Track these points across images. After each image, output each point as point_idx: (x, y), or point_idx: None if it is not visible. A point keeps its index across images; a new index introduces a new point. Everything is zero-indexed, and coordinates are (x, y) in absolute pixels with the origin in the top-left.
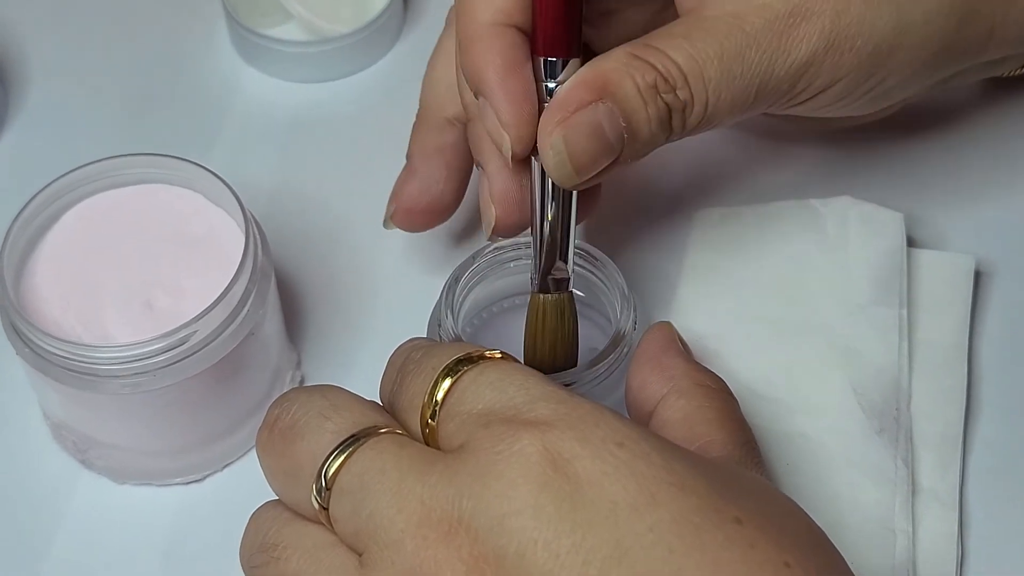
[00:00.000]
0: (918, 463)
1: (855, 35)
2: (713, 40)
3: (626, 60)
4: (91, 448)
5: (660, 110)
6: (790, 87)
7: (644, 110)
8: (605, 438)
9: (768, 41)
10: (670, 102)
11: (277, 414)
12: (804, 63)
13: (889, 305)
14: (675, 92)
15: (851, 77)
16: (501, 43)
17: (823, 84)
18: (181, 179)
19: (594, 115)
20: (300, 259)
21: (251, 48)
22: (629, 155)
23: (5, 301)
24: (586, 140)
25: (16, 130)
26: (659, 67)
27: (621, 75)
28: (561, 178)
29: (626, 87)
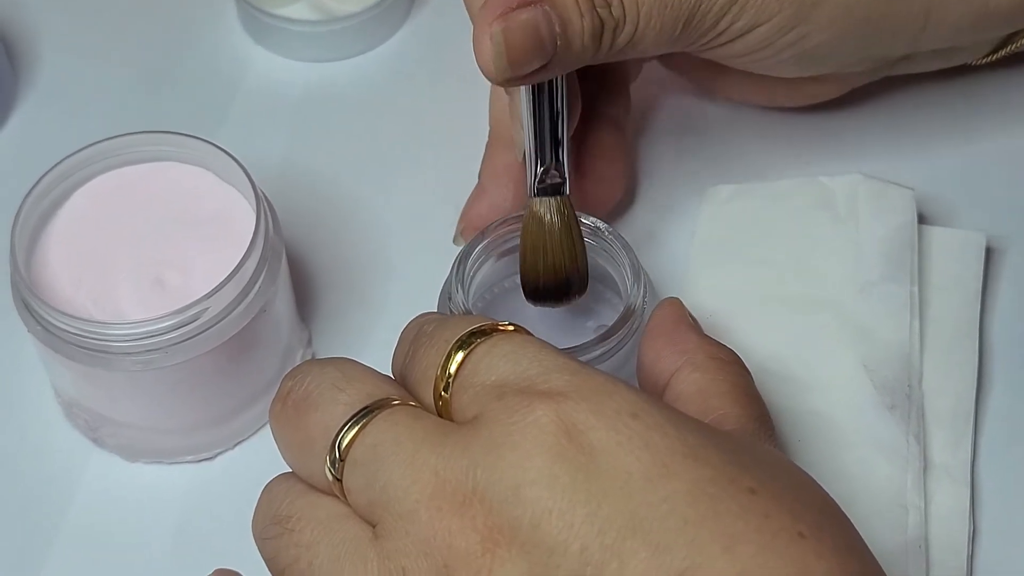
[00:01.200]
0: (930, 439)
1: None
2: None
3: None
4: (103, 426)
5: (594, 23)
6: (714, 23)
7: (579, 20)
8: (619, 409)
9: None
10: (603, 17)
11: (291, 386)
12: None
13: (900, 282)
14: (610, 9)
15: (773, 23)
16: None
17: (744, 26)
18: (192, 157)
19: (532, 14)
20: (310, 237)
21: (260, 27)
22: (559, 63)
23: (17, 279)
24: (522, 36)
25: (27, 108)
26: None
27: None
28: (496, 69)
29: None
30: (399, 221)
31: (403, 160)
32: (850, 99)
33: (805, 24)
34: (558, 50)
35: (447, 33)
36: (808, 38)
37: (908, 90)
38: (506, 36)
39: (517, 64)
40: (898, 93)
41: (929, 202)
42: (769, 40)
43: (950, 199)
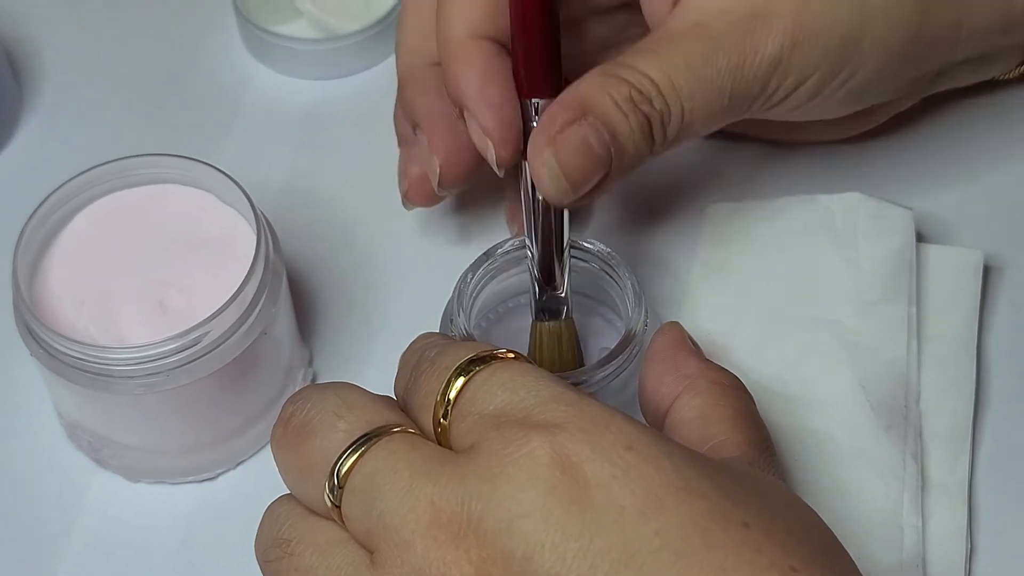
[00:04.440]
0: (927, 457)
1: (818, 31)
2: (679, 50)
3: (600, 79)
4: (105, 447)
5: (640, 121)
6: (762, 88)
7: (626, 122)
8: (615, 441)
9: (732, 44)
10: (648, 113)
11: (291, 412)
12: (772, 62)
13: (898, 302)
14: (651, 103)
15: (820, 73)
16: (477, 55)
17: (794, 82)
18: (193, 179)
19: (580, 131)
20: (311, 256)
21: (262, 46)
22: (618, 170)
23: (19, 303)
24: (576, 156)
25: (32, 125)
26: (632, 80)
27: (598, 92)
28: (558, 194)
29: (605, 102)
30: (400, 238)
31: None
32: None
33: (850, 64)
34: (613, 157)
35: None
36: (854, 76)
37: (908, 110)
38: (560, 161)
39: (578, 185)
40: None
41: (927, 220)
42: (820, 88)
43: (948, 217)
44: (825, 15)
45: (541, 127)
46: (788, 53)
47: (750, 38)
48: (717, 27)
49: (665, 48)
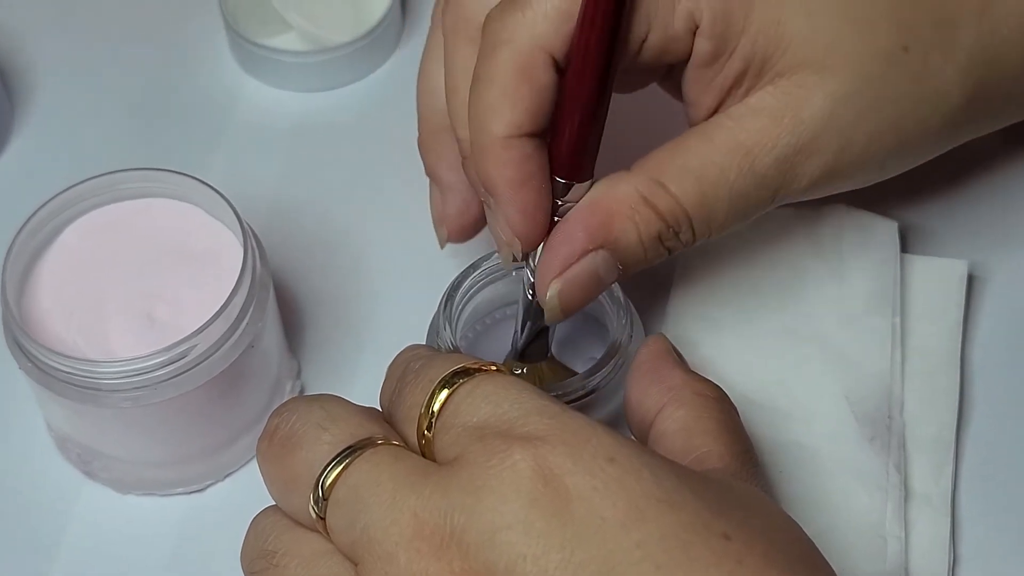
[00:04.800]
0: (911, 468)
1: (856, 167)
2: (724, 184)
3: (634, 203)
4: (95, 459)
5: (660, 254)
6: (781, 201)
7: (644, 257)
8: (596, 453)
9: (774, 179)
10: (671, 247)
11: (277, 424)
12: (804, 189)
13: (883, 314)
14: (678, 236)
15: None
16: (514, 155)
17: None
18: (181, 193)
19: (592, 265)
20: (300, 267)
21: (251, 58)
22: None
23: (8, 317)
24: (580, 291)
25: (23, 136)
26: (666, 216)
27: (625, 223)
28: (551, 318)
29: (629, 237)
30: (388, 250)
31: (392, 188)
32: None
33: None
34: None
35: None
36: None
37: None
38: (562, 294)
39: (573, 311)
40: None
41: (912, 231)
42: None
43: (933, 227)
44: (867, 149)
45: (557, 248)
46: (823, 182)
47: (791, 173)
48: (764, 161)
49: (709, 176)
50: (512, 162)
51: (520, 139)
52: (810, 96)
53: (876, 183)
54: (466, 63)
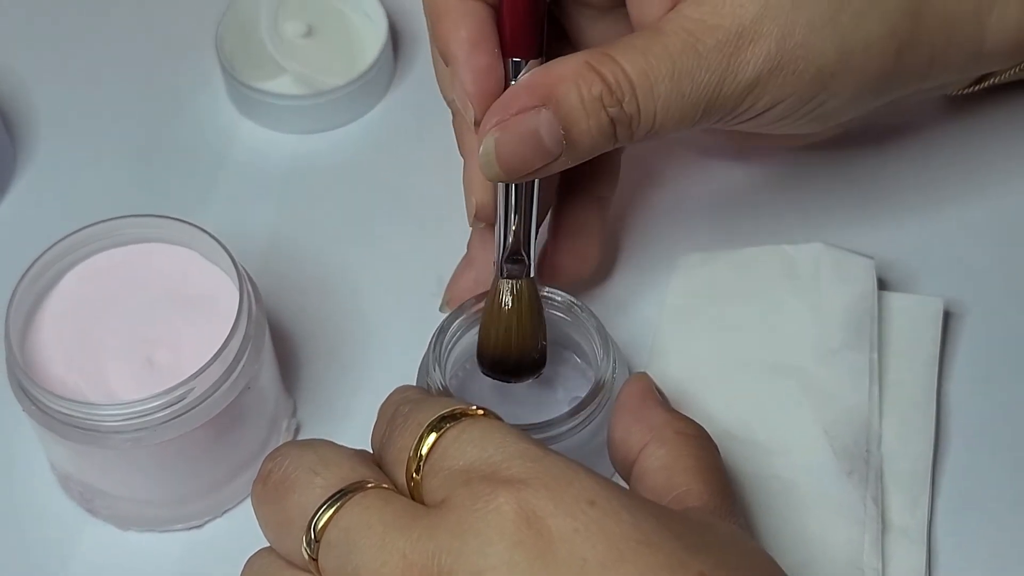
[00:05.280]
0: (888, 500)
1: (798, 58)
2: (667, 58)
3: (577, 68)
4: (96, 497)
5: (602, 122)
6: (735, 106)
7: (585, 121)
8: (577, 496)
9: (718, 62)
10: (614, 115)
11: (270, 468)
12: (750, 84)
13: (860, 350)
14: (621, 105)
15: (794, 98)
16: (468, 18)
17: (766, 104)
18: (178, 238)
19: (532, 122)
20: (296, 307)
21: (247, 101)
22: (569, 159)
23: (12, 362)
24: (518, 144)
25: (25, 180)
26: (609, 78)
27: (568, 85)
28: (487, 174)
29: (570, 98)
30: (381, 290)
31: (385, 228)
32: (814, 167)
33: (824, 93)
34: (564, 149)
35: (427, 104)
36: (826, 103)
37: (870, 160)
38: (498, 144)
39: (512, 170)
40: (861, 163)
41: (888, 268)
42: (790, 111)
43: (909, 265)
44: (808, 43)
45: (497, 105)
46: (766, 77)
47: (735, 58)
48: (707, 43)
49: (654, 50)
50: (467, 24)
51: (474, 2)
52: None
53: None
54: None
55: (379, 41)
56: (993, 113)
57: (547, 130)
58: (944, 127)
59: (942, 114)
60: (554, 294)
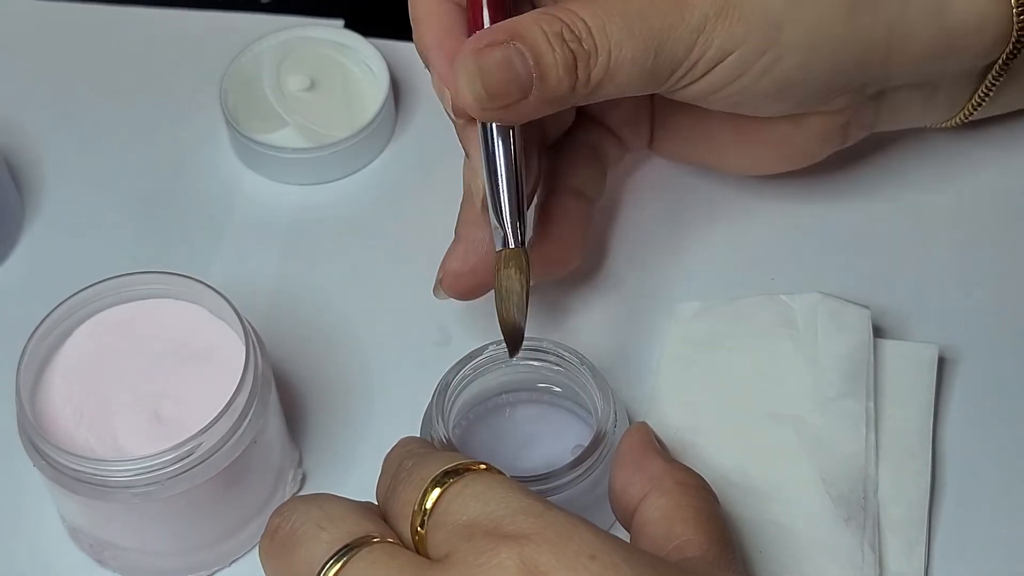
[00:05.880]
0: (885, 546)
1: (743, 3)
2: (615, 2)
3: (534, 14)
4: (106, 549)
5: (566, 56)
6: (685, 54)
7: (551, 54)
8: (579, 551)
9: (666, 5)
10: (575, 49)
11: (278, 523)
12: (698, 26)
13: (856, 398)
14: (580, 42)
15: (743, 51)
16: (439, 15)
17: (716, 55)
18: (184, 294)
19: (505, 51)
20: (300, 357)
21: (251, 154)
22: (539, 98)
23: (23, 418)
24: (496, 68)
25: (32, 234)
26: (565, 19)
27: (530, 23)
28: (474, 99)
29: (534, 31)
30: (384, 338)
31: (388, 279)
32: (809, 216)
33: (774, 47)
34: (535, 83)
35: (429, 154)
36: (780, 61)
37: (864, 207)
38: (480, 68)
39: (495, 95)
40: (854, 210)
41: (883, 314)
42: (741, 68)
43: (903, 311)
44: None
45: (469, 42)
46: (713, 21)
47: (682, 1)
48: None
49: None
50: (437, 20)
51: (446, 3)
52: None
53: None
54: None
55: (381, 94)
56: (987, 160)
57: (519, 59)
58: (937, 174)
59: (935, 161)
60: (553, 345)
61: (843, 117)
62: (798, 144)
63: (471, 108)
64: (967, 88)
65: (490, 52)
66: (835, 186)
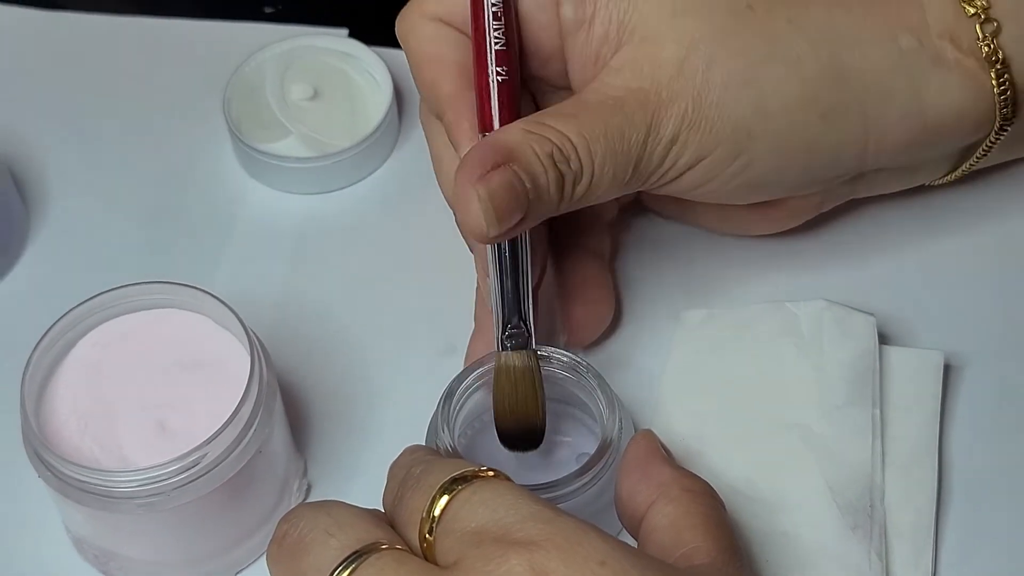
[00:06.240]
0: (892, 554)
1: (713, 116)
2: (599, 120)
3: (524, 134)
4: (111, 560)
5: (556, 177)
6: (660, 162)
7: (544, 175)
8: (588, 557)
9: (642, 121)
10: (563, 171)
11: (286, 530)
12: (671, 139)
13: (862, 406)
14: (568, 163)
15: (714, 157)
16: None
17: (688, 161)
18: (188, 304)
19: (507, 174)
20: (305, 366)
21: (254, 163)
22: (533, 215)
23: (27, 429)
24: (504, 195)
25: (38, 245)
26: (555, 140)
27: (523, 145)
28: (488, 226)
29: (529, 155)
30: (389, 347)
31: (392, 287)
32: (813, 222)
33: (745, 154)
34: (531, 202)
35: (430, 164)
36: (751, 167)
37: (870, 214)
38: (491, 196)
39: (503, 220)
40: (861, 216)
41: (888, 321)
42: (714, 172)
43: (908, 318)
44: (722, 102)
45: (471, 165)
46: (685, 133)
47: (656, 117)
48: (632, 104)
49: (585, 116)
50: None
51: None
52: (664, 45)
53: None
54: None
55: (384, 102)
56: (993, 166)
57: (518, 182)
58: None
59: None
60: (558, 353)
61: (817, 197)
62: (774, 217)
63: (480, 232)
64: (953, 161)
65: (496, 177)
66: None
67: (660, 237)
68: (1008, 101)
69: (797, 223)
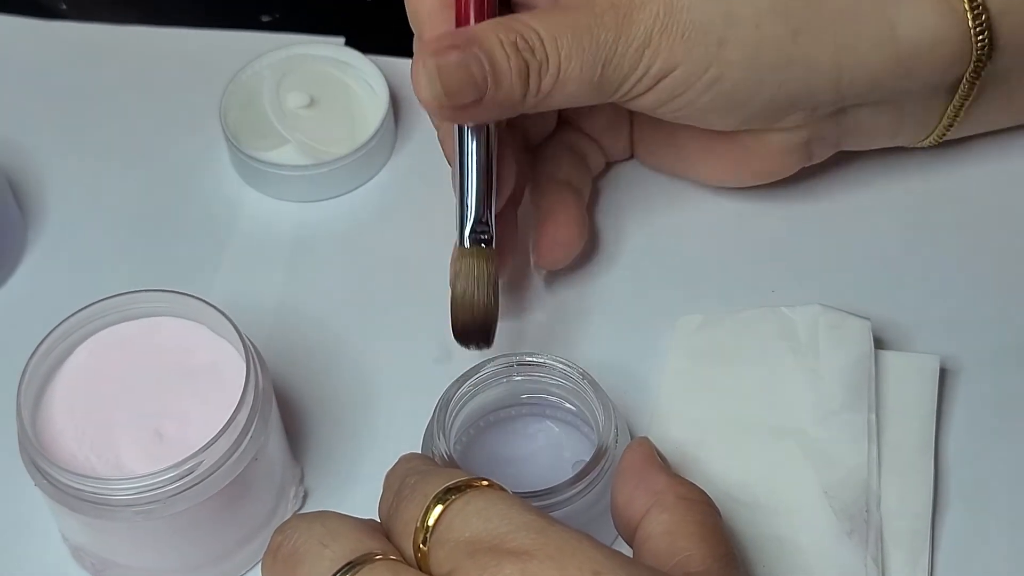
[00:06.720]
0: (888, 560)
1: (685, 21)
2: (567, 17)
3: (490, 24)
4: (108, 568)
5: (519, 64)
6: (632, 68)
7: (506, 60)
8: (582, 567)
9: (613, 21)
10: (528, 59)
11: (280, 541)
12: (642, 42)
13: (858, 410)
14: (532, 52)
15: (686, 66)
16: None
17: (661, 69)
18: (185, 312)
19: (463, 55)
20: (301, 373)
21: (251, 171)
22: (492, 101)
23: (24, 438)
24: (455, 70)
25: (36, 254)
26: (520, 30)
27: (488, 31)
28: (432, 96)
29: (491, 39)
30: (385, 355)
31: (388, 294)
32: (809, 227)
33: (716, 65)
34: (489, 88)
35: (429, 170)
36: (723, 78)
37: (866, 217)
38: (440, 70)
39: (452, 94)
40: (854, 221)
41: (884, 326)
42: (687, 82)
43: (904, 322)
44: (693, 7)
45: (431, 40)
46: (657, 37)
47: (627, 19)
48: (602, 5)
49: (554, 14)
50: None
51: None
52: None
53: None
54: None
55: (381, 110)
56: (986, 169)
57: (475, 65)
58: (936, 184)
59: (934, 171)
60: (555, 361)
61: (802, 134)
62: (762, 159)
63: (429, 106)
64: (936, 107)
65: (449, 54)
66: (835, 198)
67: (655, 242)
68: (984, 28)
69: (789, 172)
